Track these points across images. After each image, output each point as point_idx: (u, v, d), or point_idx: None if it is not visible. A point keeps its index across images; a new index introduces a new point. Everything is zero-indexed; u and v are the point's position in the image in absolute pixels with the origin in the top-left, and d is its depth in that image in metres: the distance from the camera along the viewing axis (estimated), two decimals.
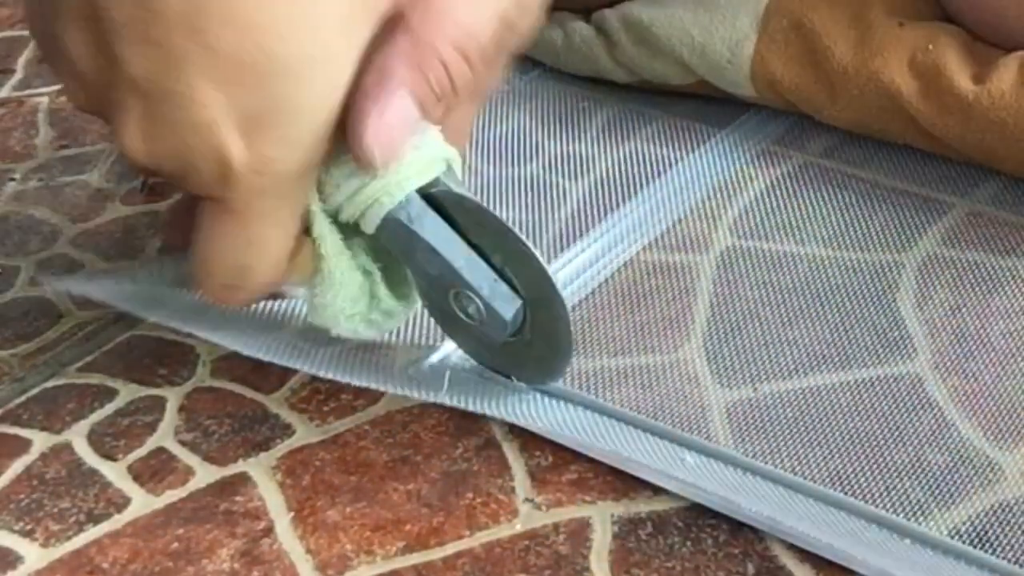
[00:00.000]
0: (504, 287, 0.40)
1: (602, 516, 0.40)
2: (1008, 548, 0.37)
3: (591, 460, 0.42)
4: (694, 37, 0.57)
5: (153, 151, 0.36)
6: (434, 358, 0.45)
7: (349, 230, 0.40)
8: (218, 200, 0.37)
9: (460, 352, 0.44)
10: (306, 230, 0.40)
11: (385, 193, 0.38)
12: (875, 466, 0.40)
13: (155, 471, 0.43)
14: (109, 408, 0.46)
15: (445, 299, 0.40)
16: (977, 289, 0.48)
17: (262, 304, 0.47)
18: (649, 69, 0.60)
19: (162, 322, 0.47)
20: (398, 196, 0.39)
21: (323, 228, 0.39)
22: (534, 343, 0.41)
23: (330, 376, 0.43)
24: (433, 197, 0.39)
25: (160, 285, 0.48)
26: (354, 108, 0.37)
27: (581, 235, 0.52)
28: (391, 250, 0.41)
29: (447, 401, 0.42)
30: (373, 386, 0.43)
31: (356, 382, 0.43)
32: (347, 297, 0.40)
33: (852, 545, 0.37)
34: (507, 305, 0.40)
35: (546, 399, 0.43)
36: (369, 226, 0.39)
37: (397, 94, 0.37)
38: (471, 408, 0.42)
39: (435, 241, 0.39)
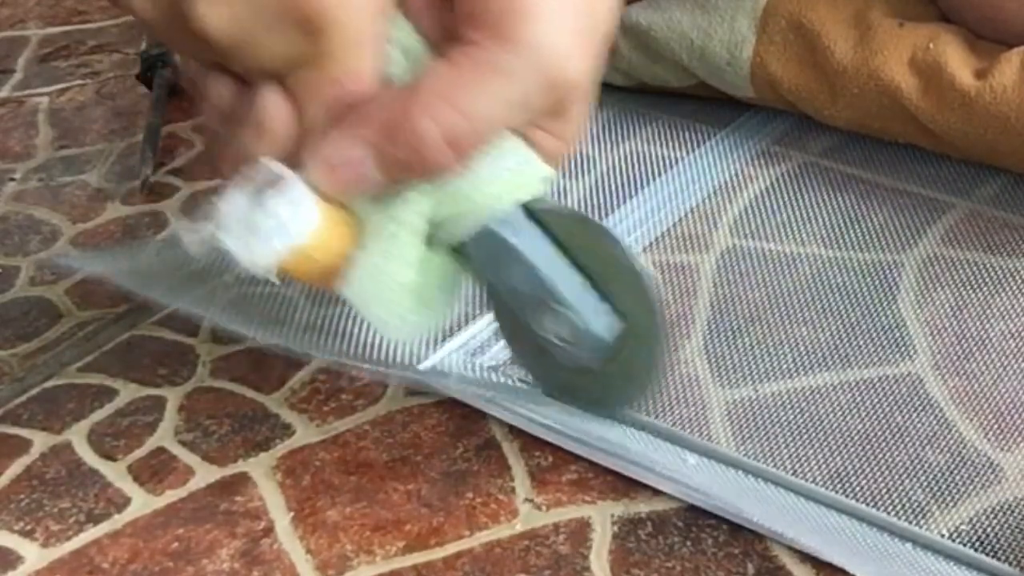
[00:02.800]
0: (605, 307, 0.39)
1: (602, 516, 0.40)
2: (1008, 549, 0.37)
3: (591, 460, 0.42)
4: (693, 40, 0.57)
5: (232, 17, 0.34)
6: (437, 357, 0.45)
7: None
8: (297, 69, 0.36)
9: (460, 353, 0.44)
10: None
11: (492, 198, 0.37)
12: (875, 466, 0.40)
13: (155, 471, 0.43)
14: (109, 408, 0.46)
15: (535, 317, 0.39)
16: (977, 289, 0.48)
17: (269, 296, 0.47)
18: (648, 73, 0.60)
19: (168, 302, 0.47)
20: (501, 207, 0.37)
21: (408, 199, 0.37)
22: (617, 370, 0.40)
23: (342, 361, 0.43)
24: (534, 212, 0.38)
25: (166, 271, 0.48)
26: (322, 133, 0.36)
27: None
28: (476, 262, 0.39)
29: (454, 388, 0.42)
30: (382, 371, 0.43)
31: (364, 370, 0.43)
32: (404, 263, 0.37)
33: (853, 551, 0.37)
34: (607, 325, 0.39)
35: (546, 399, 0.43)
36: (465, 231, 0.38)
37: (357, 150, 0.36)
38: (473, 403, 0.42)
39: (535, 257, 0.38)
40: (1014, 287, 0.48)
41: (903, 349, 0.45)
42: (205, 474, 0.43)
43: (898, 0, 0.55)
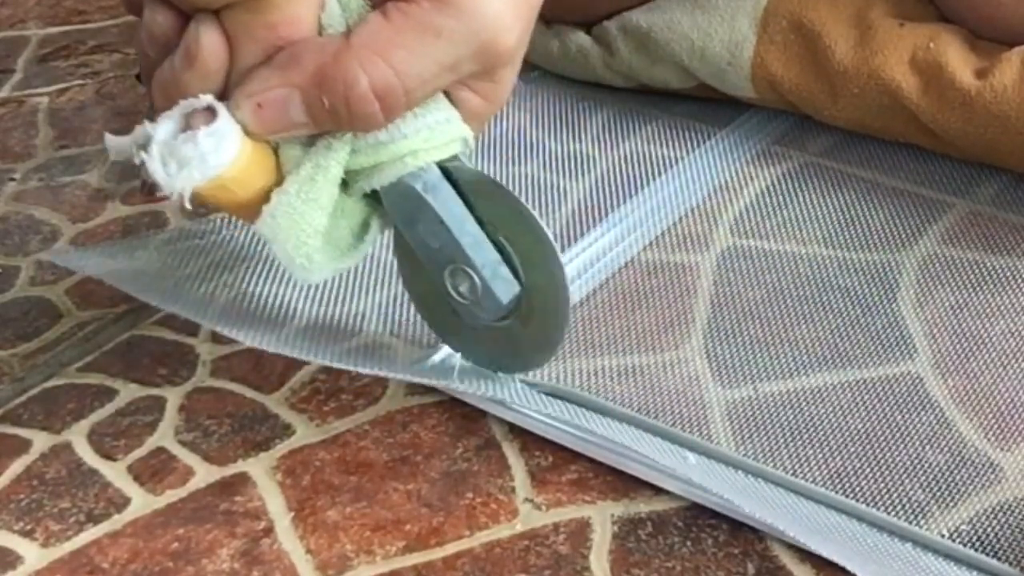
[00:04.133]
0: (506, 270, 0.40)
1: (602, 516, 0.40)
2: (1008, 549, 0.37)
3: (591, 460, 0.42)
4: (693, 41, 0.57)
5: None
6: (436, 357, 0.45)
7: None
8: (236, 8, 0.36)
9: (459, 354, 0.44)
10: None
11: (410, 154, 0.38)
12: (875, 466, 0.40)
13: (155, 471, 0.43)
14: (109, 408, 0.46)
15: (439, 274, 0.40)
16: (977, 289, 0.48)
17: (268, 297, 0.47)
18: (648, 75, 0.60)
19: (165, 306, 0.47)
20: (417, 163, 0.39)
21: (330, 146, 0.38)
22: (518, 330, 0.41)
23: (338, 366, 0.43)
24: (448, 171, 0.39)
25: (165, 271, 0.48)
26: (252, 71, 0.37)
27: (581, 235, 0.52)
28: (389, 212, 0.40)
29: (456, 386, 0.42)
30: (381, 374, 0.43)
31: (363, 370, 0.43)
32: (318, 206, 0.39)
33: (853, 551, 0.37)
34: (506, 288, 0.40)
35: (546, 398, 0.43)
36: (380, 182, 0.39)
37: (287, 93, 0.37)
38: (470, 401, 0.42)
39: (445, 214, 0.39)
40: (1014, 286, 0.48)
41: (903, 349, 0.45)
42: (205, 474, 0.43)
43: (898, 0, 0.55)
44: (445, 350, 0.45)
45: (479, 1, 0.36)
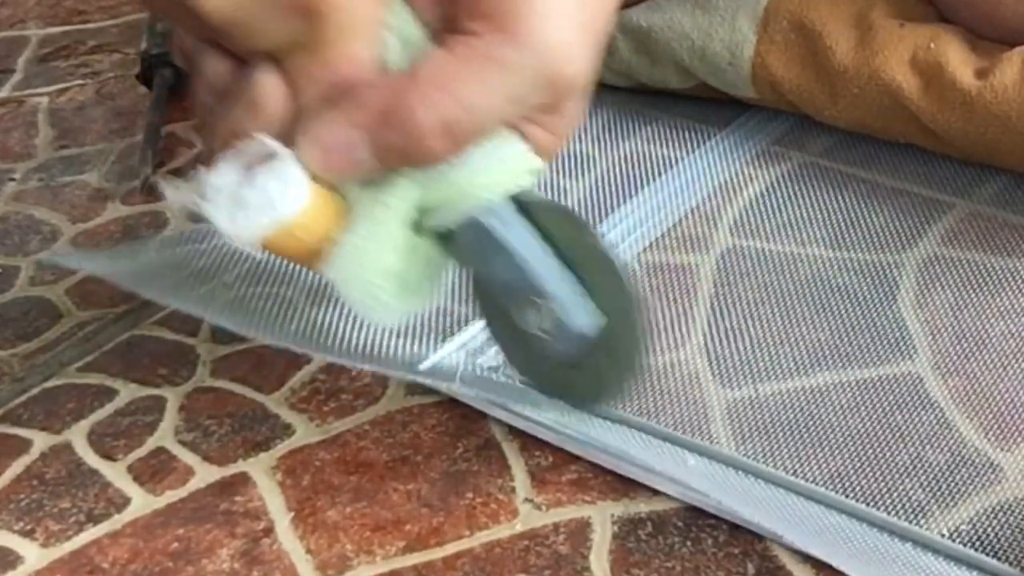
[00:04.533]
0: (585, 302, 0.39)
1: (602, 516, 0.40)
2: (1008, 549, 0.37)
3: (591, 460, 0.42)
4: (693, 41, 0.57)
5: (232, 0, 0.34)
6: (435, 358, 0.45)
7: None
8: (294, 51, 0.36)
9: (460, 353, 0.44)
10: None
11: (480, 188, 0.37)
12: (875, 466, 0.40)
13: (155, 471, 0.43)
14: (109, 408, 0.46)
15: (516, 308, 0.39)
16: (977, 289, 0.48)
17: (269, 298, 0.47)
18: (648, 75, 0.60)
19: (167, 302, 0.47)
20: (488, 196, 0.37)
21: (398, 184, 0.37)
22: (598, 363, 0.40)
23: (342, 362, 0.43)
24: (520, 203, 0.38)
25: (166, 270, 0.48)
26: (315, 114, 0.36)
27: None
28: (462, 250, 0.39)
29: (454, 389, 0.42)
30: (386, 372, 0.43)
31: (367, 368, 0.43)
32: (387, 247, 0.37)
33: (853, 553, 0.37)
34: (586, 320, 0.39)
35: (546, 399, 0.43)
36: (451, 218, 0.38)
37: (352, 134, 0.36)
38: (473, 404, 0.42)
39: (520, 248, 0.38)
40: (1014, 287, 0.48)
41: (903, 349, 0.45)
42: (205, 474, 0.43)
43: (899, 1, 0.55)
44: (446, 349, 0.45)
45: (544, 32, 0.35)
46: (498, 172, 0.37)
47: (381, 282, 0.37)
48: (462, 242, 0.38)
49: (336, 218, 0.37)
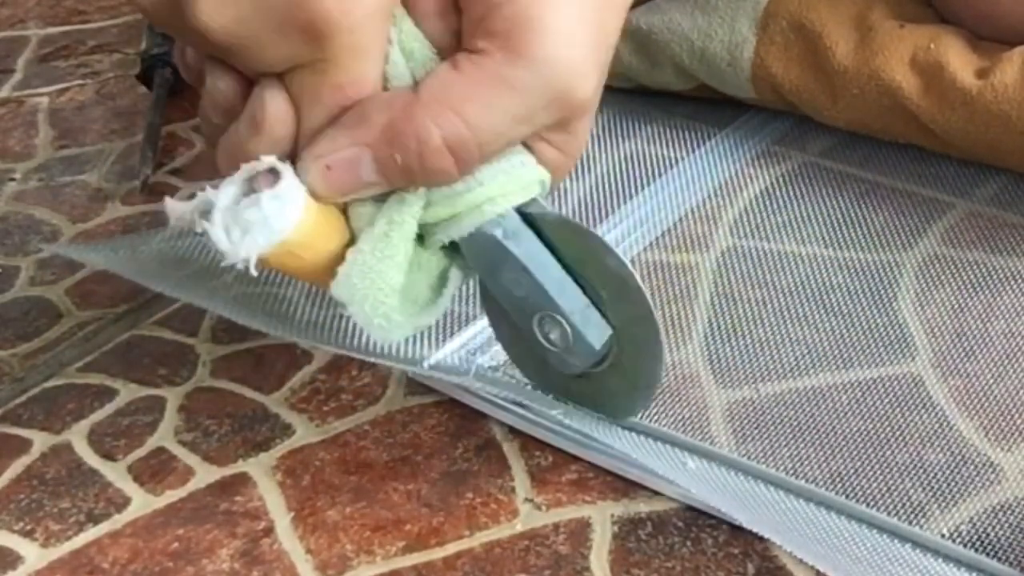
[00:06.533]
0: (596, 314, 0.39)
1: (602, 516, 0.40)
2: (1008, 549, 0.37)
3: (591, 460, 0.42)
4: (693, 42, 0.57)
5: (236, 18, 0.34)
6: (435, 358, 0.45)
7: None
8: (300, 71, 0.35)
9: (460, 353, 0.44)
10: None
11: (487, 201, 0.37)
12: (875, 466, 0.40)
13: (155, 471, 0.43)
14: (109, 408, 0.46)
15: (527, 322, 0.39)
16: (977, 289, 0.48)
17: (270, 293, 0.47)
18: (648, 76, 0.60)
19: (168, 293, 0.47)
20: (496, 210, 0.37)
21: (404, 200, 0.37)
22: (613, 376, 0.40)
23: (345, 352, 0.43)
24: (528, 216, 0.38)
25: (168, 267, 0.48)
26: (320, 133, 0.36)
27: None
28: (471, 264, 0.39)
29: (454, 389, 0.42)
30: (394, 366, 0.43)
31: (372, 360, 0.43)
32: (394, 263, 0.37)
33: (852, 557, 0.37)
34: (598, 333, 0.39)
35: (546, 399, 0.43)
36: (458, 233, 0.38)
37: (357, 153, 0.35)
38: (472, 404, 0.42)
39: (528, 261, 0.38)
40: (1014, 287, 0.48)
41: (903, 349, 0.45)
42: (205, 474, 0.43)
43: (899, 2, 0.55)
44: (446, 349, 0.45)
45: (552, 51, 0.35)
46: (504, 184, 0.37)
47: (386, 299, 0.37)
48: (469, 256, 0.38)
49: (339, 237, 0.37)
